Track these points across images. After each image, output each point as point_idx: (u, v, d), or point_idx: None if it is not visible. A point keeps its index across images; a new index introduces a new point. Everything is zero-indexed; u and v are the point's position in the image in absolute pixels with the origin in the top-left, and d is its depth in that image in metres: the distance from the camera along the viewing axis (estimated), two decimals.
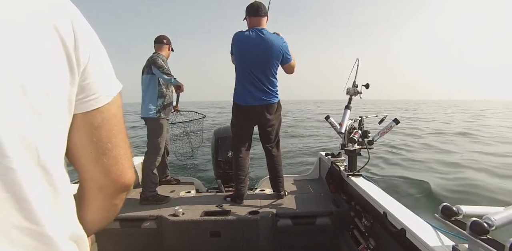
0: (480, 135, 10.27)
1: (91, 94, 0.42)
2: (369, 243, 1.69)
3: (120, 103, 0.47)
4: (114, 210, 0.53)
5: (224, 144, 3.07)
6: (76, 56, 0.39)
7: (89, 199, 0.49)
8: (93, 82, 0.42)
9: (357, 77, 2.20)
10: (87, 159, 0.45)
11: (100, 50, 0.44)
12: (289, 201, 2.32)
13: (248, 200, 2.35)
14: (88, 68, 0.41)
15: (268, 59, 2.23)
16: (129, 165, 0.50)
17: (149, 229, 2.05)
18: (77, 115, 0.42)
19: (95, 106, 0.43)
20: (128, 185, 0.50)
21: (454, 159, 6.33)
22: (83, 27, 0.41)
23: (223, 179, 3.01)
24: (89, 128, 0.43)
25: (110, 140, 0.45)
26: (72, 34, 0.39)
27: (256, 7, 2.25)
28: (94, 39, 0.43)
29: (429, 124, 15.14)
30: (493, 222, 0.88)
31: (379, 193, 1.71)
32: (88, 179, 0.47)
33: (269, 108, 2.32)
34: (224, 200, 2.37)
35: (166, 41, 2.70)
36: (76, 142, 0.43)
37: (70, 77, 0.39)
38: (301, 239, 2.09)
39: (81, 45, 0.40)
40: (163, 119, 2.56)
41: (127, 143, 0.49)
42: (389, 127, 2.08)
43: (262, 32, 2.23)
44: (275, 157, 2.44)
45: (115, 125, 0.46)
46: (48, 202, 0.36)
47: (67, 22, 0.38)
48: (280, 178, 2.44)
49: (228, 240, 2.02)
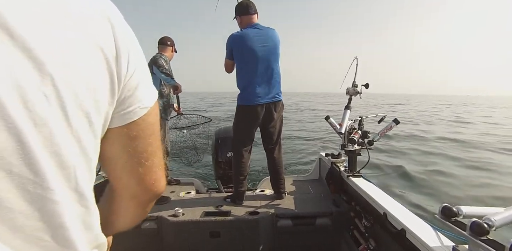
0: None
1: (127, 108, 0.40)
2: (369, 244, 1.69)
3: (156, 111, 0.45)
4: (142, 216, 0.52)
5: (224, 144, 3.06)
6: (118, 73, 0.37)
7: (121, 206, 0.49)
8: (130, 95, 0.40)
9: (356, 77, 2.20)
10: (122, 169, 0.44)
11: (139, 57, 0.41)
12: (289, 202, 2.32)
13: (248, 200, 2.35)
14: (127, 82, 0.39)
15: (272, 52, 2.24)
16: (162, 173, 0.48)
17: (149, 229, 2.05)
18: (112, 129, 0.40)
19: (131, 120, 0.41)
20: (160, 193, 0.49)
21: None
22: (123, 33, 0.38)
23: (223, 180, 3.00)
24: (125, 140, 0.42)
25: (146, 150, 0.44)
26: (114, 48, 0.36)
27: (245, 5, 2.26)
28: (133, 45, 0.40)
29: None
30: (493, 223, 0.88)
31: (379, 194, 1.70)
32: (121, 188, 0.46)
33: (277, 105, 2.31)
34: (224, 200, 2.37)
35: (170, 43, 2.74)
36: (112, 153, 0.42)
37: (110, 97, 0.37)
38: (301, 240, 2.08)
39: (123, 59, 0.37)
40: (163, 120, 2.56)
41: (161, 150, 0.48)
42: (389, 127, 2.08)
43: (258, 27, 2.25)
44: (276, 158, 2.43)
45: (151, 134, 0.44)
46: (81, 223, 0.36)
47: (108, 33, 0.36)
48: (282, 179, 2.44)
49: (228, 240, 2.02)
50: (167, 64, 2.59)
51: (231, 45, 2.24)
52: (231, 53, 2.27)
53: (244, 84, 2.26)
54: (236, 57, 2.26)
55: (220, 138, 3.14)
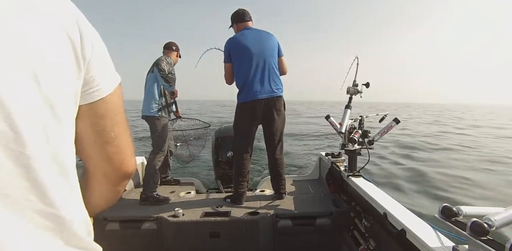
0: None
1: (95, 86, 0.45)
2: (369, 244, 1.68)
3: (120, 94, 0.50)
4: (116, 195, 0.57)
5: (224, 144, 3.06)
6: (82, 53, 0.42)
7: (94, 185, 0.53)
8: (95, 74, 0.45)
9: (357, 76, 2.20)
10: (92, 148, 0.48)
11: (101, 45, 0.47)
12: (289, 202, 2.31)
13: (248, 201, 2.35)
14: (91, 63, 0.44)
15: (267, 48, 2.30)
16: (131, 154, 0.53)
17: (149, 230, 2.05)
18: (82, 106, 0.45)
19: (99, 97, 0.46)
20: (130, 172, 0.53)
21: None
22: (86, 26, 0.44)
23: (223, 180, 3.00)
24: (93, 118, 0.46)
25: (113, 129, 0.49)
26: (78, 33, 0.42)
27: (241, 14, 2.38)
28: (96, 36, 0.46)
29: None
30: (493, 223, 0.87)
31: (379, 194, 1.70)
32: (92, 166, 0.51)
33: (277, 101, 2.29)
34: (224, 201, 2.36)
35: (175, 48, 2.79)
36: (82, 132, 0.46)
37: (77, 72, 0.42)
38: (301, 240, 2.08)
39: (86, 43, 0.43)
40: (165, 118, 2.57)
41: (129, 132, 0.53)
42: (390, 127, 2.07)
43: (252, 29, 2.35)
44: (278, 159, 2.42)
45: (117, 114, 0.49)
46: (62, 188, 0.40)
47: (73, 22, 0.42)
48: (282, 180, 2.43)
49: (228, 241, 2.01)
50: (171, 66, 2.60)
51: (229, 47, 2.29)
52: (229, 56, 2.31)
53: (242, 81, 2.27)
54: (234, 58, 2.30)
55: (220, 137, 3.14)
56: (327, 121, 2.39)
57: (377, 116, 2.26)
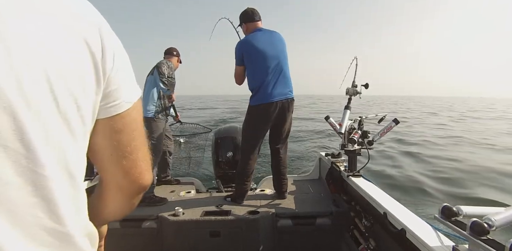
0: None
1: (113, 101, 0.44)
2: (369, 244, 1.69)
3: (140, 108, 0.49)
4: (130, 207, 0.56)
5: (224, 144, 3.07)
6: (103, 66, 0.41)
7: (109, 197, 0.52)
8: (115, 89, 0.44)
9: (356, 76, 2.20)
10: (108, 161, 0.47)
11: (124, 58, 0.46)
12: (289, 201, 2.32)
13: (248, 200, 2.35)
14: (111, 76, 0.43)
15: (280, 50, 2.29)
16: (147, 167, 0.52)
17: (149, 229, 2.05)
18: (99, 120, 0.44)
19: (117, 112, 0.45)
20: (146, 186, 0.53)
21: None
22: (109, 37, 0.42)
23: (223, 179, 3.00)
24: (110, 133, 0.45)
25: (130, 144, 0.47)
26: (100, 45, 0.40)
27: (250, 13, 2.34)
28: (118, 48, 0.44)
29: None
30: (493, 223, 0.88)
31: (379, 194, 1.70)
32: (108, 179, 0.50)
33: (290, 104, 2.32)
34: (224, 200, 2.37)
35: (176, 53, 2.79)
36: (98, 145, 0.45)
37: (96, 86, 0.41)
38: (301, 239, 2.09)
39: (108, 55, 0.41)
40: (161, 120, 2.56)
41: (146, 146, 0.52)
42: (389, 127, 2.08)
43: (263, 30, 2.32)
44: (281, 158, 2.43)
45: (134, 129, 0.48)
46: (71, 203, 0.39)
47: (96, 34, 0.40)
48: (285, 180, 2.44)
49: (228, 240, 2.02)
50: (171, 71, 2.60)
51: (242, 50, 2.25)
52: (241, 59, 2.27)
53: (257, 84, 2.25)
54: (247, 60, 2.26)
55: (220, 138, 3.14)
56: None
57: (377, 117, 2.27)
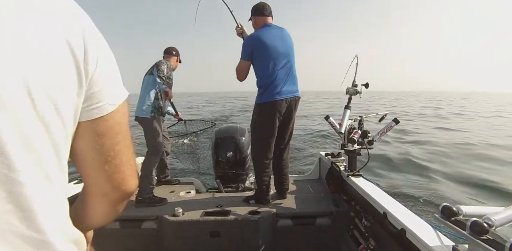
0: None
1: (95, 103, 0.42)
2: (369, 243, 1.69)
3: (125, 111, 0.47)
4: (114, 214, 0.53)
5: (224, 144, 3.06)
6: (85, 68, 0.39)
7: (92, 203, 0.50)
8: (98, 91, 0.42)
9: (356, 76, 2.19)
10: (90, 166, 0.45)
11: (109, 59, 0.44)
12: (289, 201, 2.32)
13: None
14: (94, 78, 0.41)
15: (290, 48, 2.29)
16: (132, 173, 0.49)
17: (149, 229, 2.05)
18: (80, 123, 0.42)
19: (99, 115, 0.43)
20: (130, 192, 0.50)
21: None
22: (93, 38, 0.41)
23: (223, 179, 3.00)
24: (92, 136, 0.43)
25: (113, 148, 0.45)
26: (83, 46, 0.39)
27: (261, 7, 2.31)
28: (103, 49, 0.43)
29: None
30: (493, 222, 0.88)
31: (379, 193, 1.70)
32: (91, 185, 0.48)
33: (297, 102, 2.33)
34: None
35: (175, 53, 2.79)
36: (80, 149, 0.43)
37: (78, 88, 0.39)
38: (301, 239, 2.08)
39: (90, 57, 0.40)
40: (158, 119, 2.55)
41: (131, 150, 0.49)
42: (389, 127, 2.08)
43: (273, 26, 2.30)
44: (284, 158, 2.43)
45: (118, 133, 0.46)
46: (50, 210, 0.37)
47: (79, 35, 0.39)
48: (287, 180, 2.44)
49: (228, 240, 2.01)
50: (169, 71, 2.61)
51: (252, 45, 2.22)
52: (250, 54, 2.24)
53: (267, 81, 2.22)
54: (257, 56, 2.23)
55: (220, 138, 3.14)
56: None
57: (377, 116, 2.26)
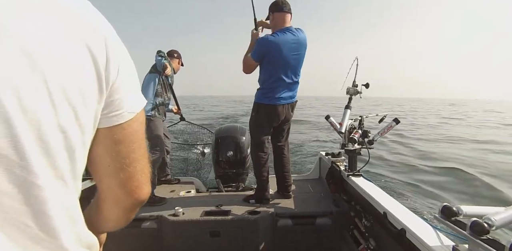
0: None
1: (115, 110, 0.43)
2: (369, 243, 1.69)
3: (142, 119, 0.48)
4: (126, 221, 0.54)
5: (224, 143, 3.06)
6: (106, 76, 0.39)
7: (105, 209, 0.50)
8: (118, 99, 0.42)
9: (356, 76, 2.20)
10: (105, 172, 0.46)
11: (129, 67, 0.44)
12: (289, 201, 2.32)
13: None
14: (115, 86, 0.41)
15: (301, 59, 2.29)
16: (145, 181, 0.50)
17: (149, 229, 2.05)
18: (99, 130, 0.42)
19: (118, 122, 0.43)
20: (143, 200, 0.51)
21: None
22: (115, 46, 0.41)
23: (223, 179, 3.01)
24: (109, 143, 0.44)
25: (128, 156, 0.46)
26: (105, 54, 0.39)
27: (280, 3, 2.24)
28: (124, 57, 0.43)
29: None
30: (493, 222, 0.88)
31: (379, 193, 1.70)
32: (104, 190, 0.48)
33: (294, 106, 2.40)
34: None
35: (177, 55, 2.81)
36: (96, 155, 0.44)
37: (98, 95, 0.39)
38: (301, 239, 2.08)
39: (112, 65, 0.40)
40: (158, 118, 2.55)
41: (146, 158, 0.50)
42: (389, 127, 2.08)
43: (293, 32, 2.21)
44: (285, 156, 2.44)
45: (135, 141, 0.46)
46: (65, 215, 0.37)
47: (101, 42, 0.39)
48: (289, 178, 2.44)
49: (228, 240, 2.02)
50: (171, 68, 2.61)
51: (265, 48, 2.18)
52: (261, 55, 2.21)
53: (269, 85, 2.25)
54: (267, 60, 2.21)
55: (220, 137, 3.14)
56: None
57: (377, 117, 2.27)
